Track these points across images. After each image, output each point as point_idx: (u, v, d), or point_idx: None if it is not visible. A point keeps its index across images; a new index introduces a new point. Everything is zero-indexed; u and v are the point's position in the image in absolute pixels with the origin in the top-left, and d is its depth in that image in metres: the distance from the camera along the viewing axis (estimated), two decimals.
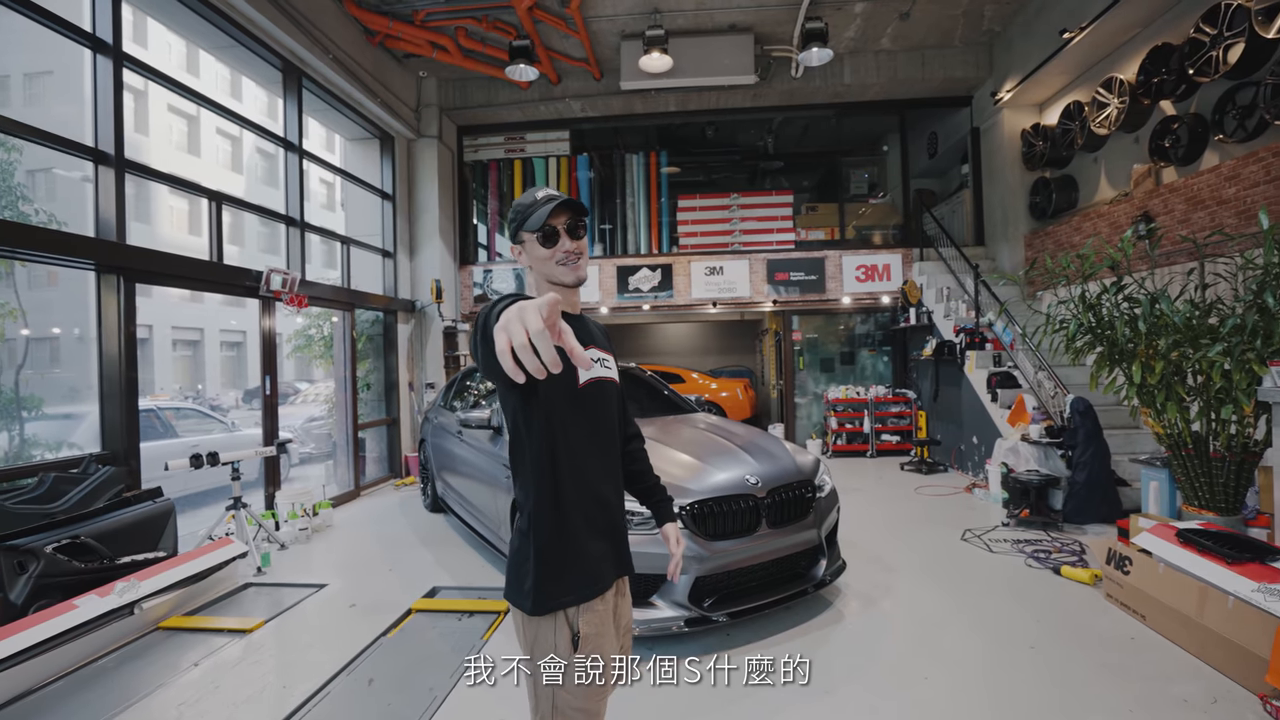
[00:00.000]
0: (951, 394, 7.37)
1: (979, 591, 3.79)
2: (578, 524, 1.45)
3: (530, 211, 1.46)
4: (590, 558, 1.46)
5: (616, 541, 1.54)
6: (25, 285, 13.53)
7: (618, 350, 1.80)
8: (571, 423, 1.44)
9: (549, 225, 1.45)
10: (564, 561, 1.43)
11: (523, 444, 1.45)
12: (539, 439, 1.42)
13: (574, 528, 1.44)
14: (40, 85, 18.38)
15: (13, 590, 3.27)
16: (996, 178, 8.31)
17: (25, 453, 4.76)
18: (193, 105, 5.60)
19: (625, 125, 9.51)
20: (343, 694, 2.85)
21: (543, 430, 1.41)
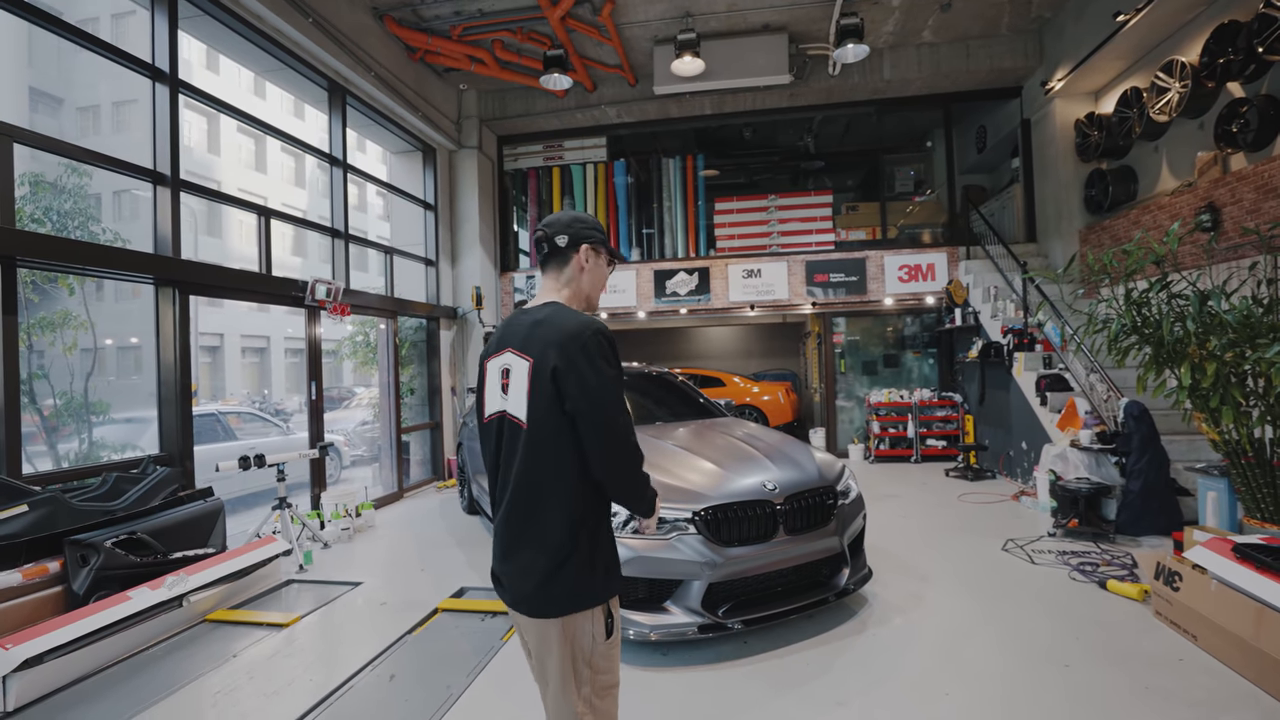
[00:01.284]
0: (999, 397, 7.05)
1: (1016, 605, 3.61)
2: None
3: (606, 234, 1.75)
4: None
5: None
6: (113, 299, 14.64)
7: (655, 355, 2.17)
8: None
9: (618, 260, 1.77)
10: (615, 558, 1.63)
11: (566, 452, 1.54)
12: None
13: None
14: (125, 113, 19.93)
15: (76, 581, 3.54)
16: (1048, 171, 7.91)
17: (94, 454, 5.14)
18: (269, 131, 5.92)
19: (662, 129, 9.53)
20: (366, 688, 2.96)
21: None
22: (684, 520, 3.11)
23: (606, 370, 1.49)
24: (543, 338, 1.51)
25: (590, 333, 1.50)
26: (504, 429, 1.57)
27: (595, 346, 1.49)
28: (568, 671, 1.50)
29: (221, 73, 22.40)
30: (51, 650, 3.07)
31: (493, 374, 1.62)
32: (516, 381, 1.54)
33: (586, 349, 1.48)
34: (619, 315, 9.48)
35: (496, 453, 1.60)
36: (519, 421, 1.52)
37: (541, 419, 1.49)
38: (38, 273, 4.47)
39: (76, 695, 3.01)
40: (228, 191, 21.41)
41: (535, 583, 1.50)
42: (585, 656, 1.52)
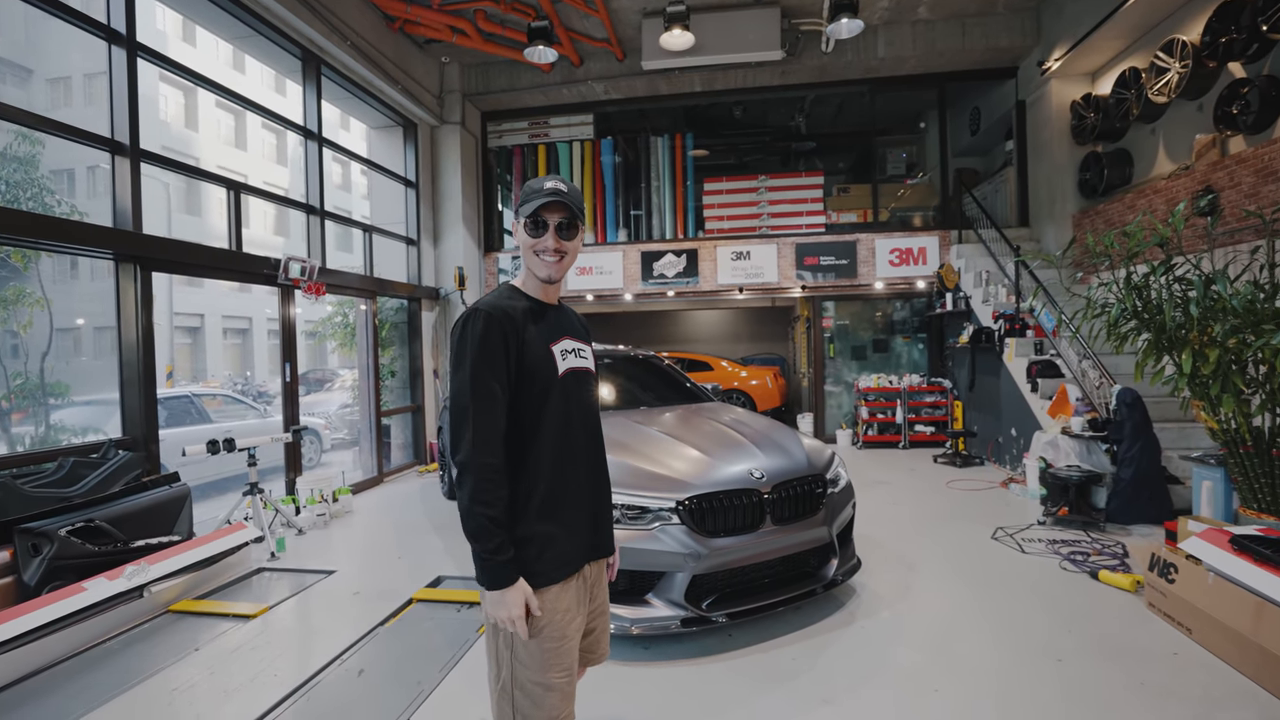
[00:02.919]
0: (989, 383, 6.98)
1: (1006, 596, 3.53)
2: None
3: (531, 197, 1.51)
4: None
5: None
6: (88, 278, 14.22)
7: (642, 338, 2.01)
8: (556, 411, 1.53)
9: (540, 216, 1.51)
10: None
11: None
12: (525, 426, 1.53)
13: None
14: (99, 84, 19.22)
15: (27, 571, 3.36)
16: (1043, 153, 7.78)
17: (52, 438, 4.92)
18: (241, 103, 5.64)
19: (650, 107, 9.29)
20: (332, 684, 2.83)
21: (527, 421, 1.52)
22: (667, 510, 2.98)
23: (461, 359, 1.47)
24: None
25: (461, 319, 1.51)
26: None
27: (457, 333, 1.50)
28: (488, 648, 1.53)
29: (199, 45, 21.69)
30: (2, 644, 2.90)
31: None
32: None
33: (454, 334, 1.51)
34: (605, 297, 9.31)
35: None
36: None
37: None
38: None
39: (25, 692, 2.85)
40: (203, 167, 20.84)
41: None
42: (497, 633, 1.49)
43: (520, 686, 1.46)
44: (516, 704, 1.47)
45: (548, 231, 1.51)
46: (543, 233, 1.51)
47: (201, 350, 22.86)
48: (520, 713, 1.47)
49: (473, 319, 1.44)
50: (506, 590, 1.40)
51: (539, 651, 1.46)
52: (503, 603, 1.41)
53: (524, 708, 1.47)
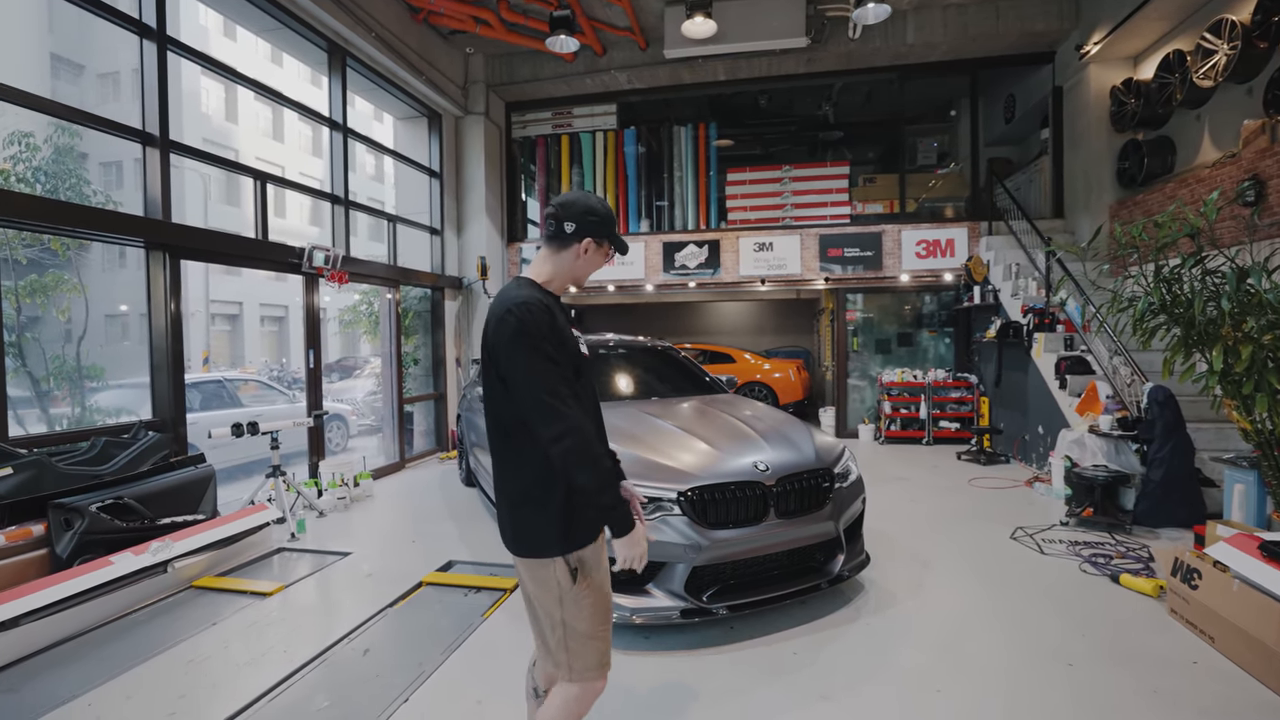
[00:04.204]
0: (1016, 379, 6.78)
1: (1020, 596, 3.43)
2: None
3: (614, 228, 1.77)
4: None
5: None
6: (131, 266, 14.77)
7: (666, 329, 2.30)
8: (585, 385, 1.74)
9: (621, 249, 1.81)
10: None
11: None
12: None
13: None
14: (126, 80, 19.86)
15: (59, 544, 3.52)
16: (1080, 141, 7.48)
17: (88, 418, 5.13)
18: (267, 94, 5.79)
19: (674, 96, 9.20)
20: (339, 662, 2.90)
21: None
22: (669, 500, 2.97)
23: (520, 347, 1.58)
24: (491, 308, 1.70)
25: (512, 311, 1.60)
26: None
27: (512, 325, 1.59)
28: (544, 615, 1.70)
29: (239, 40, 22.22)
30: (30, 613, 3.05)
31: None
32: None
33: (504, 326, 1.61)
34: (626, 287, 9.29)
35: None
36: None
37: (491, 382, 1.68)
38: (40, 237, 4.40)
39: (54, 659, 3.00)
40: (232, 158, 21.39)
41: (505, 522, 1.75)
42: (558, 600, 1.65)
43: (579, 636, 1.65)
44: (576, 653, 1.65)
45: (611, 258, 1.83)
46: (608, 259, 1.82)
47: (240, 337, 23.56)
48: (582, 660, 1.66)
49: (530, 309, 1.59)
50: (634, 530, 1.63)
51: (597, 603, 1.67)
52: (635, 541, 1.64)
53: (584, 655, 1.66)
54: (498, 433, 1.68)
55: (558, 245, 1.73)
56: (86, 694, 2.67)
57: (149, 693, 2.67)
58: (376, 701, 2.56)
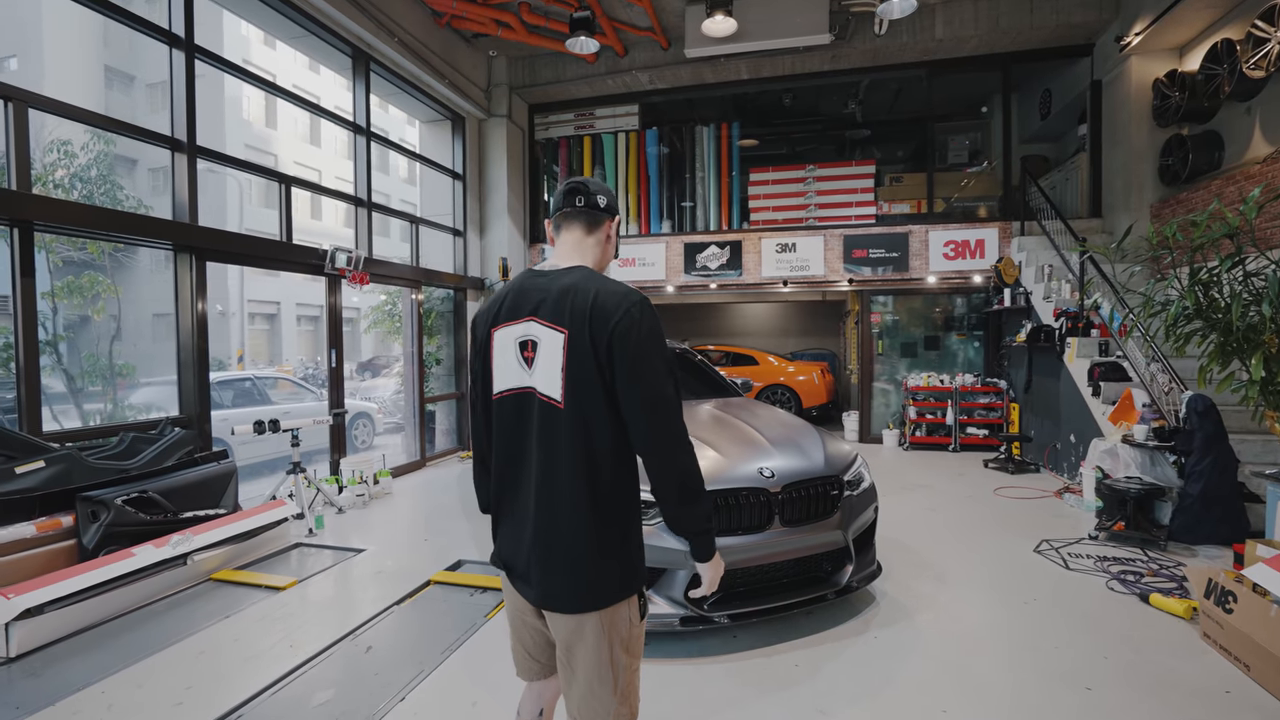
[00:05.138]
0: (1048, 385, 6.52)
1: (1040, 614, 3.29)
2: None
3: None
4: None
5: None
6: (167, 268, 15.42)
7: (690, 331, 2.07)
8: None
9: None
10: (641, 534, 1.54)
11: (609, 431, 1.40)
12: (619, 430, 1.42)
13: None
14: None
15: (86, 535, 3.66)
16: (1119, 137, 7.17)
17: (120, 414, 5.32)
18: (290, 99, 5.96)
19: (696, 96, 9.13)
20: (340, 658, 2.94)
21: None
22: None
23: (661, 352, 1.37)
24: (580, 306, 1.35)
25: (638, 306, 1.36)
26: (526, 407, 1.41)
27: (647, 325, 1.35)
28: (604, 662, 1.40)
29: (279, 49, 22.91)
30: (53, 601, 3.17)
31: (506, 344, 1.45)
32: (547, 356, 1.38)
33: (639, 326, 1.34)
34: (647, 288, 9.25)
35: (512, 431, 1.45)
36: (553, 401, 1.37)
37: (581, 400, 1.35)
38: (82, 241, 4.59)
39: (74, 646, 3.11)
40: (282, 165, 22.04)
41: (576, 577, 1.38)
42: (624, 642, 1.43)
43: (631, 683, 1.47)
44: (630, 692, 1.47)
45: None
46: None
47: (278, 336, 24.26)
48: (629, 700, 1.48)
49: (651, 307, 1.38)
50: (718, 551, 1.48)
51: (642, 635, 1.49)
52: (720, 564, 1.50)
53: (635, 689, 1.50)
54: (577, 454, 1.34)
55: (587, 225, 1.50)
56: (101, 681, 2.75)
57: (159, 682, 2.75)
58: (375, 698, 2.59)
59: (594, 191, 1.50)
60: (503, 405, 1.46)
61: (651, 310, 1.37)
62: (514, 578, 1.50)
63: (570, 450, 1.35)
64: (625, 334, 1.32)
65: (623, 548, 1.42)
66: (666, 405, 1.35)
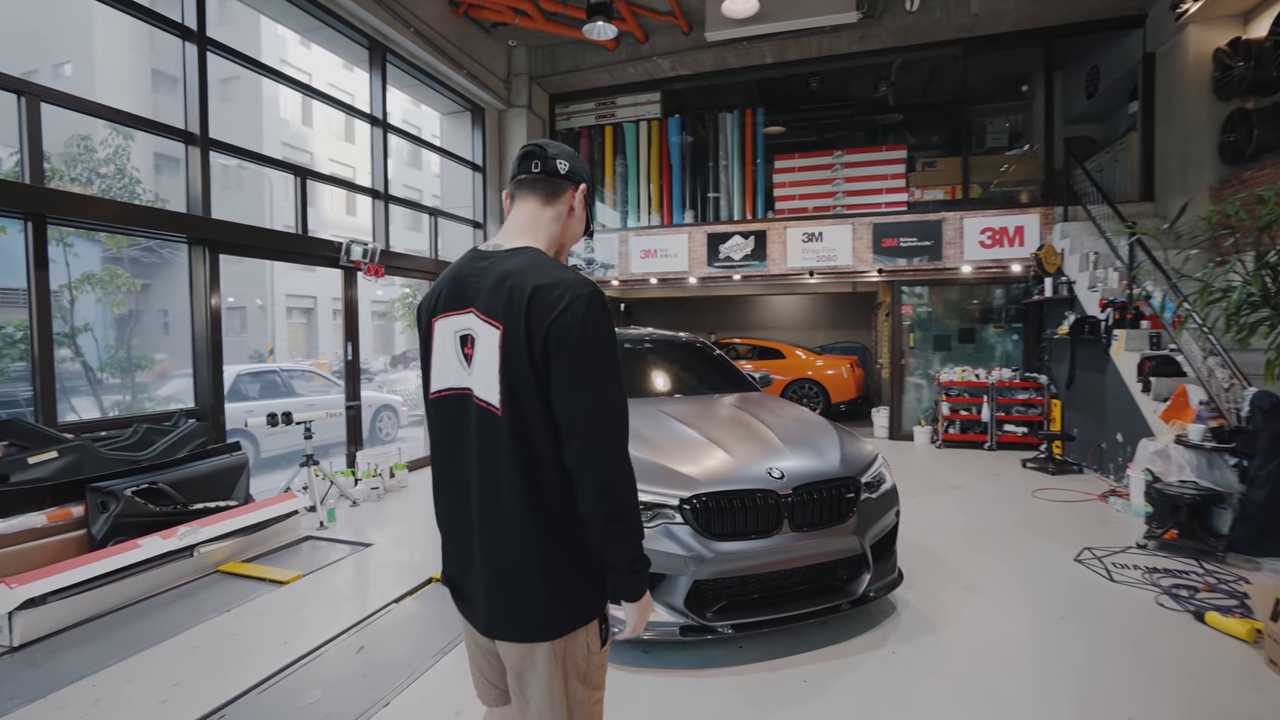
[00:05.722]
0: (1092, 381, 6.11)
1: (1078, 631, 3.02)
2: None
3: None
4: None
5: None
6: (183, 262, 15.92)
7: (716, 324, 1.79)
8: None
9: (591, 228, 1.33)
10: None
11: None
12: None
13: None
14: (230, 89, 21.29)
15: (95, 526, 3.68)
16: (1175, 114, 6.66)
17: (138, 406, 5.40)
18: (305, 90, 5.98)
19: (720, 82, 8.88)
20: (332, 657, 2.86)
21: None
22: (670, 508, 2.76)
23: (607, 354, 1.15)
24: (517, 298, 1.15)
25: (583, 299, 1.13)
26: (464, 411, 1.23)
27: (593, 320, 1.14)
28: (557, 694, 1.23)
29: (314, 49, 23.35)
30: (56, 591, 3.18)
31: (445, 337, 1.28)
32: (484, 355, 1.20)
33: (582, 322, 1.13)
34: (669, 280, 9.06)
35: (451, 437, 1.28)
36: (491, 407, 1.18)
37: (521, 405, 1.16)
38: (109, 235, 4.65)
39: (77, 637, 3.11)
40: (318, 162, 22.48)
41: (523, 606, 1.21)
42: (580, 673, 1.26)
43: (590, 715, 1.29)
44: None
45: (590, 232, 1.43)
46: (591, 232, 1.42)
47: (314, 330, 24.84)
48: None
49: (599, 300, 1.16)
50: (648, 592, 1.27)
51: (604, 662, 1.31)
52: (649, 606, 1.30)
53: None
54: (517, 468, 1.17)
55: (545, 194, 1.29)
56: (94, 675, 2.73)
57: (149, 677, 2.71)
58: (360, 701, 2.50)
59: (553, 155, 1.30)
60: (442, 406, 1.30)
61: (600, 303, 1.16)
62: (459, 599, 1.34)
63: (511, 465, 1.17)
64: (565, 331, 1.12)
65: (576, 576, 1.23)
66: (610, 417, 1.15)
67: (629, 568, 1.19)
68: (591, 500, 1.15)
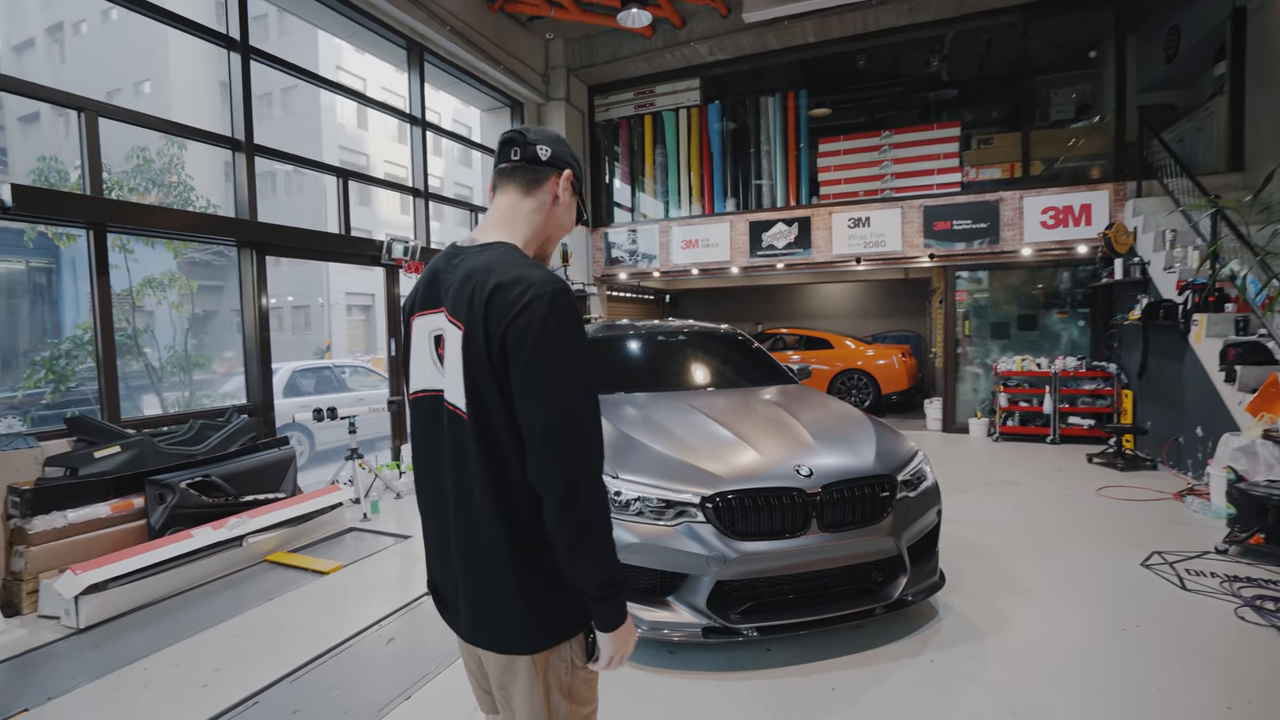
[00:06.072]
0: (1168, 370, 5.63)
1: (1144, 644, 2.77)
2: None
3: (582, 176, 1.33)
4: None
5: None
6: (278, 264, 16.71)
7: (763, 314, 1.68)
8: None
9: (584, 216, 1.36)
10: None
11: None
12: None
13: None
14: (290, 97, 22.32)
15: (153, 516, 3.89)
16: (1270, 74, 6.02)
17: (196, 402, 5.69)
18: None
19: (760, 65, 8.63)
20: (361, 650, 2.93)
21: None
22: (693, 506, 2.68)
23: (573, 358, 1.07)
24: (477, 296, 1.08)
25: (546, 298, 1.05)
26: (438, 414, 1.19)
27: (555, 322, 1.05)
28: (539, 708, 1.18)
29: (368, 56, 24.12)
30: (117, 578, 3.38)
31: (421, 337, 1.24)
32: (451, 356, 1.14)
33: (544, 324, 1.04)
34: (711, 271, 8.91)
35: (426, 441, 1.24)
36: (459, 411, 1.13)
37: (486, 411, 1.10)
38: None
39: (136, 621, 3.30)
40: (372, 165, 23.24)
41: (499, 619, 1.16)
42: (564, 687, 1.20)
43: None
44: None
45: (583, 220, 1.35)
46: (583, 221, 1.34)
47: (373, 326, 25.84)
48: None
49: (564, 298, 1.07)
50: (629, 620, 1.16)
51: (592, 676, 1.24)
52: (633, 632, 1.18)
53: None
54: (484, 477, 1.11)
55: (525, 183, 1.22)
56: (145, 658, 2.89)
57: (193, 662, 2.84)
58: (383, 693, 2.54)
59: (534, 140, 1.22)
60: (419, 407, 1.25)
61: (566, 303, 1.07)
62: (441, 605, 1.31)
63: (481, 473, 1.11)
64: (523, 332, 1.04)
65: (556, 591, 1.16)
66: (571, 427, 1.06)
67: (597, 594, 1.11)
68: (553, 517, 1.07)
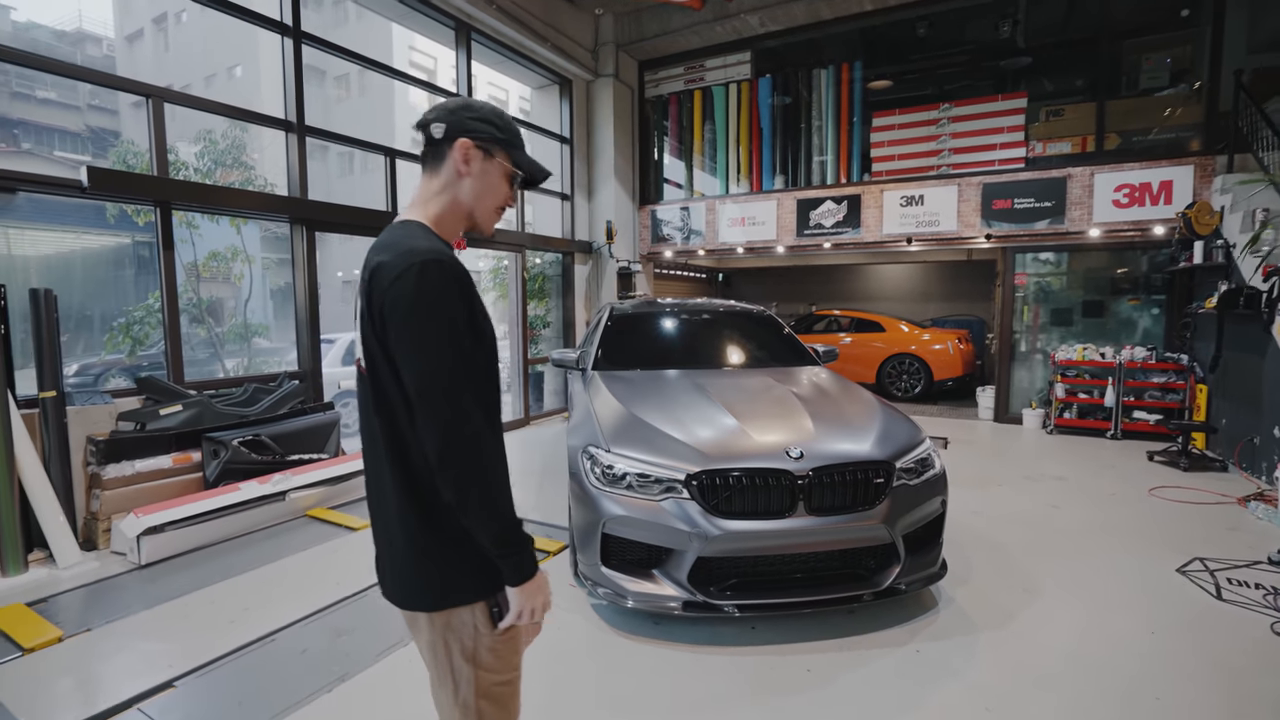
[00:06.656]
0: (1246, 364, 5.13)
1: (1161, 652, 2.60)
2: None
3: (520, 142, 1.32)
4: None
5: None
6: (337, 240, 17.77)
7: (819, 294, 1.75)
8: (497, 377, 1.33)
9: (528, 174, 1.32)
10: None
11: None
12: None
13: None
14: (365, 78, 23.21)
15: (208, 469, 4.29)
16: None
17: (255, 368, 6.15)
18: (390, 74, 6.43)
19: (815, 35, 8.29)
20: (373, 599, 3.14)
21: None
22: (679, 483, 2.72)
23: (440, 323, 1.12)
24: (366, 270, 1.18)
25: (418, 267, 1.10)
26: (363, 382, 1.27)
27: (427, 287, 1.11)
28: (442, 665, 1.26)
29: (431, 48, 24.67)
30: (172, 522, 3.76)
31: (359, 311, 1.34)
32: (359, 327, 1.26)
33: (415, 290, 1.10)
34: (757, 249, 8.74)
35: (360, 408, 1.32)
36: (362, 369, 1.24)
37: (380, 378, 1.18)
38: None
39: (187, 561, 3.67)
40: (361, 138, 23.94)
41: (404, 571, 1.25)
42: (467, 652, 1.24)
43: (485, 695, 1.27)
44: (484, 714, 1.28)
45: (516, 193, 1.34)
46: (512, 190, 1.32)
47: None
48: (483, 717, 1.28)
49: (436, 267, 1.12)
50: (540, 572, 1.22)
51: (505, 645, 1.28)
52: (542, 588, 1.23)
53: (491, 716, 1.29)
54: (381, 438, 1.20)
55: (432, 166, 1.27)
56: (189, 594, 3.22)
57: (228, 601, 3.15)
58: (383, 640, 2.74)
59: (430, 119, 1.24)
60: (359, 376, 1.37)
61: (439, 271, 1.11)
62: (377, 563, 1.38)
63: (381, 433, 1.20)
64: (396, 301, 1.11)
65: (455, 552, 1.21)
66: (441, 390, 1.11)
67: (494, 549, 1.17)
68: (437, 477, 1.14)
